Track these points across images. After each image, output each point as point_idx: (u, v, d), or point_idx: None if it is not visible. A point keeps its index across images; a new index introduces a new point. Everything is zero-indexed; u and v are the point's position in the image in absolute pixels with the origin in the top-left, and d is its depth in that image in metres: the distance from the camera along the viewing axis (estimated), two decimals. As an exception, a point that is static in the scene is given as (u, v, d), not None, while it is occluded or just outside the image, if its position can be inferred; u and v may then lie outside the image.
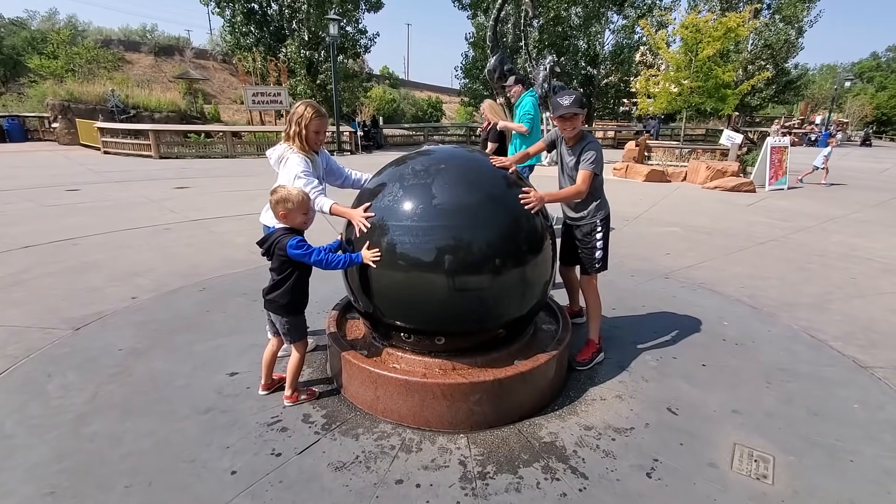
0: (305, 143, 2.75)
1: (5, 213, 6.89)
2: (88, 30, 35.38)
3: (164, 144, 14.74)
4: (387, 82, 38.01)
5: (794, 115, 36.22)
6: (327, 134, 4.73)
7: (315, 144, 2.81)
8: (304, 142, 2.74)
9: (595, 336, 3.13)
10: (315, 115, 2.73)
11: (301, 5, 19.26)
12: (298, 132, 2.73)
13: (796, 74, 29.11)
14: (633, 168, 12.13)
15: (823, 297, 4.37)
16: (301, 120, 2.71)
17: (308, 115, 2.71)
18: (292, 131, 2.74)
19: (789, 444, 2.37)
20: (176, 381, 2.82)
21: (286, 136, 2.79)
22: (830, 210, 8.47)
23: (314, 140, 2.78)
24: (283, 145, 2.80)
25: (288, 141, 2.78)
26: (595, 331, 3.14)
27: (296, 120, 2.72)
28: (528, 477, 2.13)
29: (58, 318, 3.62)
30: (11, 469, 2.11)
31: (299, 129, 2.72)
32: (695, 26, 11.99)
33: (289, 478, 2.09)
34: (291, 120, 2.75)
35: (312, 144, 2.79)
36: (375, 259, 2.34)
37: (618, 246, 5.89)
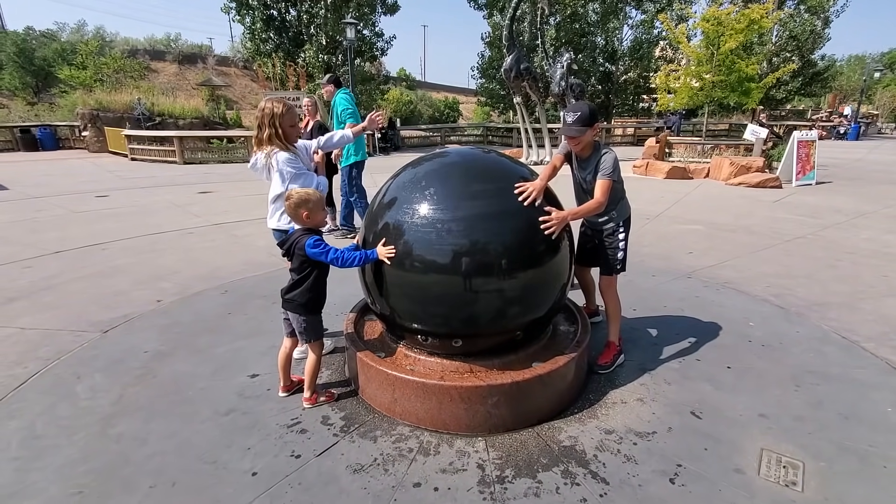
0: (285, 141, 2.66)
1: (38, 219, 7.14)
2: (115, 40, 36.51)
3: (188, 150, 15.09)
4: (404, 84, 38.14)
5: (821, 107, 35.06)
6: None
7: (293, 138, 2.74)
8: (283, 140, 2.65)
9: (615, 338, 3.08)
10: (284, 108, 2.65)
11: (319, 10, 19.49)
12: (274, 132, 2.62)
13: (823, 66, 28.12)
14: (653, 165, 11.90)
15: (855, 296, 4.21)
16: (273, 119, 2.61)
17: (279, 110, 2.62)
18: (265, 134, 2.63)
19: (819, 450, 2.29)
20: (198, 383, 2.88)
21: (259, 141, 2.68)
22: (861, 205, 8.16)
23: (291, 133, 2.71)
24: (261, 153, 2.70)
25: (262, 147, 2.67)
26: (615, 333, 3.08)
27: (268, 121, 2.62)
28: (548, 481, 2.10)
29: (87, 321, 3.74)
30: (41, 469, 2.18)
31: (274, 129, 2.62)
32: (716, 19, 11.69)
33: (308, 480, 2.11)
34: (263, 123, 2.64)
35: (291, 139, 2.72)
36: (390, 255, 2.35)
37: (638, 245, 5.79)
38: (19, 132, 18.53)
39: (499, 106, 28.46)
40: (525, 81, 14.35)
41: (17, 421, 2.52)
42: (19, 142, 18.28)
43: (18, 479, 2.11)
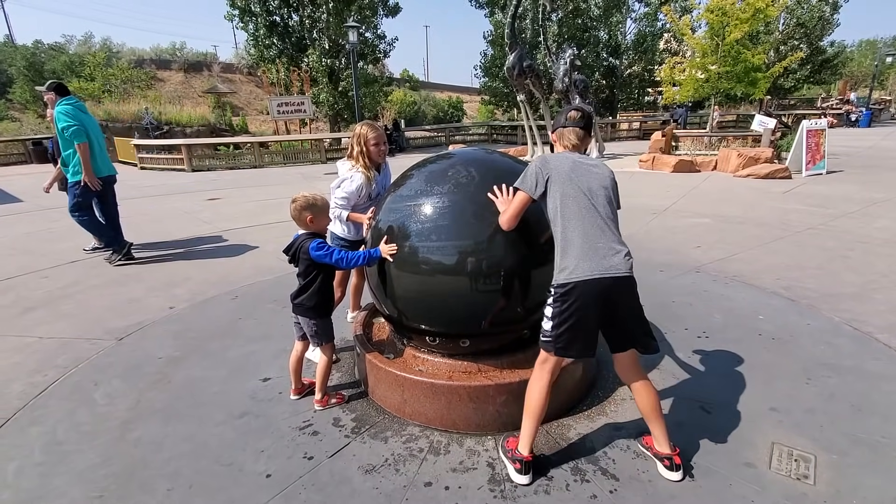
0: (368, 160, 3.11)
1: (53, 230, 7.28)
2: (122, 51, 37.09)
3: (195, 158, 15.27)
4: (407, 85, 38.27)
5: (831, 95, 34.53)
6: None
7: (377, 157, 3.16)
8: (367, 158, 3.10)
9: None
10: (370, 130, 3.11)
11: (321, 15, 19.60)
12: (361, 151, 3.09)
13: (832, 52, 27.70)
14: (659, 159, 11.82)
15: (867, 287, 4.16)
16: (361, 139, 3.08)
17: (364, 132, 3.09)
18: (356, 151, 3.11)
19: (831, 443, 2.28)
20: (212, 387, 2.93)
21: (350, 155, 3.16)
22: (873, 193, 8.05)
23: (375, 153, 3.13)
24: (349, 162, 3.18)
25: (352, 159, 3.15)
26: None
27: (357, 140, 3.10)
28: (558, 478, 2.12)
29: (103, 329, 3.82)
30: (62, 474, 2.24)
31: (361, 148, 3.09)
32: (720, 9, 11.60)
33: (321, 480, 2.15)
34: (353, 141, 3.13)
35: (374, 158, 3.14)
36: (392, 252, 2.39)
37: (646, 240, 5.77)
38: (31, 144, 18.86)
39: (503, 104, 28.42)
40: (528, 79, 14.32)
41: (39, 427, 2.59)
42: (32, 154, 18.59)
43: (42, 484, 2.18)
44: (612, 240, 1.97)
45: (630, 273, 1.97)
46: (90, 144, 5.12)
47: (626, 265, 1.96)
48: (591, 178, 2.03)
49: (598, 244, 1.94)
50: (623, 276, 1.94)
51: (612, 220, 2.01)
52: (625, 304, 1.99)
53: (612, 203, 2.04)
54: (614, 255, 1.94)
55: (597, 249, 1.93)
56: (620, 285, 1.94)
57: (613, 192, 2.07)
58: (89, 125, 5.18)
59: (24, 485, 2.18)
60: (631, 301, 2.01)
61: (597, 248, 1.94)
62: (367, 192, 3.12)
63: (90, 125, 5.21)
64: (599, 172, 2.07)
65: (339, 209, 3.08)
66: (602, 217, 1.97)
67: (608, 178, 2.07)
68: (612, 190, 2.07)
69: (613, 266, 1.92)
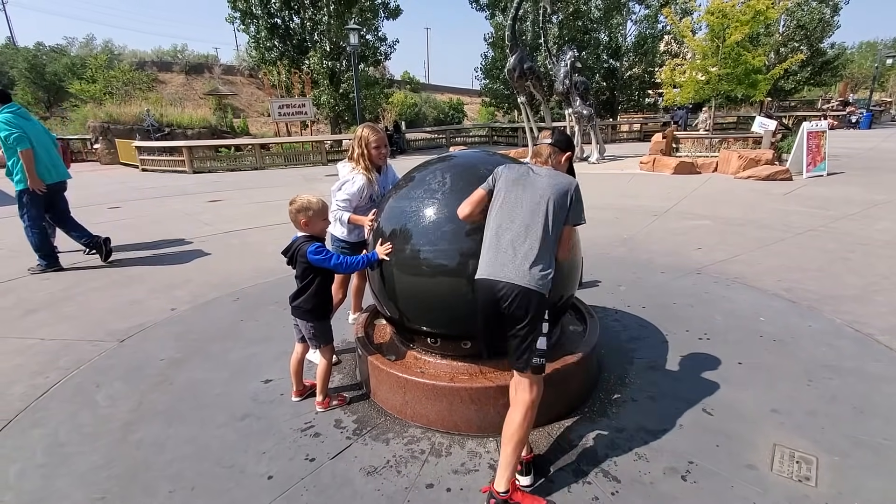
0: (369, 162, 3.13)
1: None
2: (124, 53, 37.16)
3: (197, 160, 15.29)
4: (408, 87, 38.33)
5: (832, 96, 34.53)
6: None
7: (378, 159, 3.18)
8: (367, 160, 3.12)
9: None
10: (371, 133, 3.13)
11: (322, 17, 19.64)
12: (362, 153, 3.11)
13: (833, 54, 27.70)
14: (660, 161, 11.82)
15: (868, 289, 4.16)
16: (362, 141, 3.10)
17: (366, 135, 3.11)
18: (356, 153, 3.12)
19: (833, 444, 2.28)
20: (214, 389, 2.93)
21: (351, 157, 3.18)
22: (874, 195, 8.04)
23: (376, 156, 3.15)
24: (350, 164, 3.20)
25: (352, 161, 3.17)
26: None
27: (357, 142, 3.12)
28: (559, 480, 2.12)
29: (104, 330, 3.82)
30: (65, 475, 2.24)
31: (362, 150, 3.10)
32: (721, 11, 11.59)
33: (322, 482, 2.15)
34: (354, 143, 3.14)
35: (375, 160, 3.16)
36: (388, 252, 2.43)
37: (647, 242, 5.77)
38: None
39: (503, 106, 28.44)
40: (529, 81, 14.34)
41: (41, 429, 2.59)
42: (33, 156, 18.62)
43: (44, 486, 2.18)
44: (520, 248, 1.93)
45: (527, 286, 1.88)
46: (34, 151, 5.05)
47: (524, 277, 1.89)
48: (530, 188, 2.02)
49: (504, 249, 1.96)
50: (513, 285, 1.89)
51: (534, 229, 1.94)
52: (512, 315, 1.93)
53: (545, 215, 1.96)
54: (515, 262, 1.92)
55: (500, 254, 1.96)
56: (511, 295, 1.90)
57: (555, 205, 1.97)
58: (32, 131, 5.10)
59: (26, 486, 2.18)
60: (518, 315, 1.91)
61: (500, 253, 1.96)
62: (368, 193, 3.12)
63: (33, 131, 5.13)
64: (542, 184, 2.02)
65: (341, 211, 3.07)
66: (522, 225, 1.96)
67: (550, 191, 1.99)
68: (554, 203, 1.97)
69: (507, 274, 1.91)
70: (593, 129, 14.57)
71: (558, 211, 1.99)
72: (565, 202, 2.01)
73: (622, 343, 3.34)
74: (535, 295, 1.90)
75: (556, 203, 1.99)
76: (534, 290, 1.90)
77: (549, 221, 1.97)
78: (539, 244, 1.94)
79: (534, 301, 1.91)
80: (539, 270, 1.91)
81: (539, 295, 1.91)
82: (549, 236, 1.97)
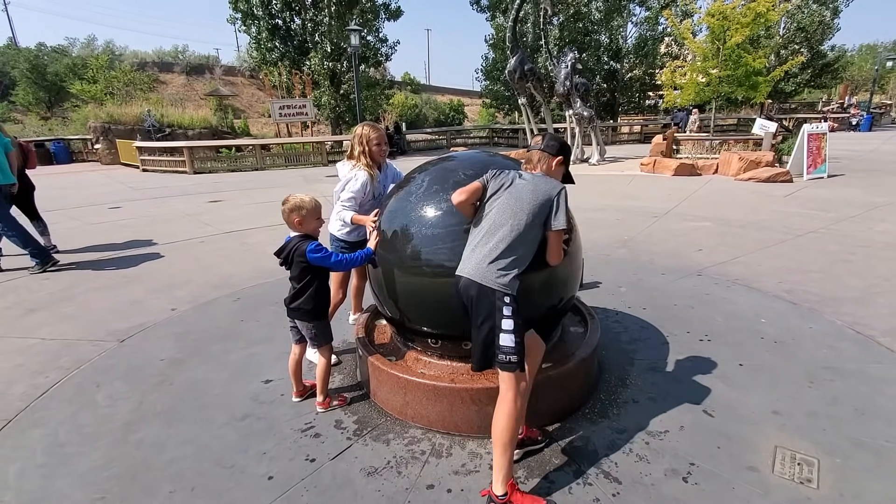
0: (370, 159, 3.13)
1: (54, 232, 7.26)
2: (125, 54, 37.23)
3: (197, 160, 15.31)
4: (408, 88, 38.38)
5: (832, 99, 34.58)
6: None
7: (378, 156, 3.17)
8: (368, 157, 3.12)
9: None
10: (372, 131, 3.13)
11: (323, 18, 19.68)
12: (363, 150, 3.11)
13: (833, 57, 27.76)
14: (661, 162, 11.83)
15: (869, 291, 4.16)
16: (363, 139, 3.10)
17: (366, 132, 3.11)
18: (357, 151, 3.12)
19: (835, 446, 2.27)
20: (214, 389, 2.93)
21: (351, 155, 3.17)
22: (875, 197, 8.04)
23: (377, 153, 3.15)
24: (349, 163, 3.17)
25: (352, 159, 3.16)
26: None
27: (358, 140, 3.11)
28: (560, 482, 2.11)
29: (105, 330, 3.82)
30: (65, 475, 2.24)
31: (363, 148, 3.10)
32: (721, 13, 11.61)
33: (323, 483, 2.14)
34: (354, 141, 3.14)
35: (376, 158, 3.16)
36: (377, 240, 2.52)
37: (647, 243, 5.77)
38: (34, 146, 18.91)
39: (504, 107, 28.49)
40: (529, 82, 14.36)
41: (42, 429, 2.59)
42: (34, 156, 18.65)
43: (44, 486, 2.18)
44: (482, 245, 1.98)
45: (479, 282, 1.91)
46: None
47: (478, 272, 1.92)
48: (513, 192, 2.06)
49: (470, 246, 2.05)
50: (469, 280, 1.94)
51: (502, 229, 1.97)
52: (471, 312, 1.98)
53: (517, 216, 1.97)
54: (478, 259, 1.96)
55: (467, 250, 2.05)
56: (468, 290, 1.95)
57: (533, 207, 1.99)
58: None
59: (26, 486, 2.18)
60: (475, 311, 1.95)
61: (468, 249, 2.05)
62: (371, 189, 3.11)
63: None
64: (522, 189, 2.05)
65: (345, 211, 3.04)
66: (492, 224, 2.00)
67: (529, 195, 2.01)
68: (531, 205, 1.99)
69: (469, 269, 1.97)
70: (594, 131, 14.58)
71: (536, 214, 1.99)
72: (546, 206, 2.01)
73: (623, 344, 3.34)
74: (487, 290, 1.91)
75: (535, 205, 1.99)
76: (487, 286, 1.91)
77: (520, 223, 1.97)
78: (505, 243, 1.95)
79: (487, 297, 1.91)
80: (497, 268, 1.92)
81: (492, 291, 1.91)
82: (518, 237, 1.96)
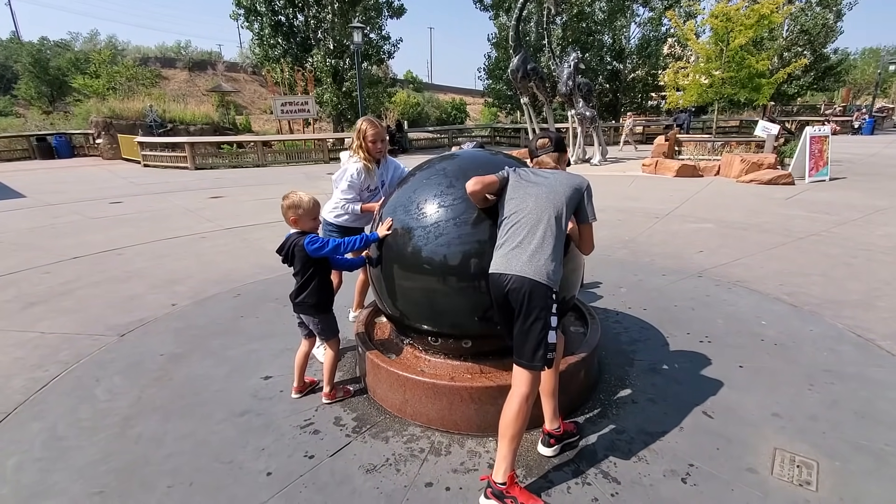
0: (367, 153, 3.20)
1: (55, 226, 7.30)
2: (127, 49, 37.16)
3: (199, 156, 15.30)
4: (411, 86, 38.29)
5: (834, 102, 34.52)
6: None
7: (375, 152, 3.23)
8: (365, 152, 3.20)
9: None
10: (370, 127, 3.18)
11: (326, 15, 19.66)
12: (360, 145, 3.19)
13: (836, 60, 27.71)
14: (662, 163, 11.82)
15: (870, 294, 4.15)
16: (360, 133, 3.18)
17: (364, 128, 3.18)
18: (355, 145, 3.22)
19: (834, 449, 2.27)
20: (213, 385, 2.93)
21: (352, 147, 3.27)
22: (877, 201, 8.03)
23: (373, 149, 3.21)
24: (349, 153, 3.31)
25: (351, 150, 3.28)
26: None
27: (357, 135, 3.20)
28: (559, 481, 2.11)
29: (104, 325, 3.82)
30: (63, 469, 2.24)
31: (360, 142, 3.19)
32: (725, 15, 11.58)
33: (321, 480, 2.14)
34: (354, 135, 3.24)
35: (373, 153, 3.22)
36: (389, 226, 2.49)
37: (648, 244, 5.77)
38: (36, 141, 18.92)
39: (506, 107, 28.45)
40: (532, 82, 14.34)
41: (40, 423, 2.59)
42: (36, 150, 18.66)
43: (42, 480, 2.17)
44: (527, 243, 1.98)
45: (534, 279, 1.91)
46: None
47: (531, 269, 1.92)
48: (538, 186, 2.08)
49: (510, 244, 2.02)
50: (521, 278, 1.92)
51: (540, 227, 1.98)
52: (521, 310, 1.95)
53: (549, 213, 2.00)
54: (521, 256, 1.96)
55: (507, 248, 2.02)
56: (519, 288, 1.93)
57: (568, 201, 2.04)
58: None
59: (24, 480, 2.18)
60: (526, 309, 1.93)
61: (508, 247, 2.02)
62: (367, 183, 3.20)
63: None
64: (547, 183, 2.09)
65: (348, 203, 3.17)
66: (527, 222, 2.01)
67: (563, 187, 2.06)
68: (566, 199, 2.04)
69: (513, 267, 1.96)
70: (596, 131, 14.56)
71: (570, 207, 2.06)
72: (575, 199, 2.08)
73: (623, 345, 3.33)
74: (543, 288, 1.92)
75: (568, 199, 2.05)
76: (542, 283, 1.92)
77: (559, 217, 2.01)
78: (550, 238, 1.98)
79: (542, 294, 1.92)
80: (549, 264, 1.94)
81: (547, 288, 1.93)
82: (560, 232, 2.01)
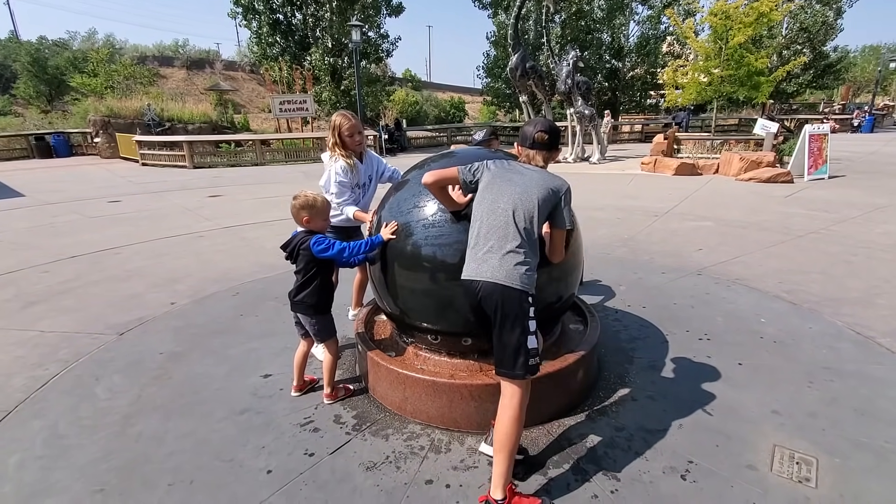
0: (344, 149, 3.06)
1: (53, 225, 7.28)
2: (125, 48, 37.09)
3: (197, 155, 15.27)
4: (409, 85, 38.26)
5: (834, 100, 34.54)
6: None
7: (354, 146, 3.09)
8: (343, 148, 3.06)
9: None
10: (344, 120, 3.02)
11: (324, 13, 19.64)
12: (336, 142, 3.05)
13: (836, 58, 27.73)
14: (661, 162, 11.82)
15: (870, 292, 4.16)
16: (335, 129, 3.03)
17: (338, 122, 3.03)
18: (331, 142, 3.08)
19: (834, 446, 2.27)
20: (213, 384, 2.93)
21: (329, 146, 3.13)
22: (876, 199, 8.04)
23: (352, 143, 3.07)
24: (328, 153, 3.16)
25: (329, 150, 3.13)
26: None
27: (332, 131, 3.06)
28: (559, 478, 2.11)
29: (104, 324, 3.81)
30: (64, 468, 2.24)
31: (336, 139, 3.04)
32: (724, 13, 11.57)
33: (321, 478, 2.14)
34: (329, 133, 3.09)
35: (352, 147, 3.08)
36: (394, 230, 2.45)
37: (647, 242, 5.77)
38: (34, 139, 18.87)
39: (505, 105, 28.47)
40: (531, 80, 14.34)
41: (41, 421, 2.59)
42: (34, 149, 18.61)
43: (43, 478, 2.18)
44: (498, 246, 1.87)
45: (505, 283, 1.82)
46: None
47: (502, 274, 1.82)
48: (513, 185, 1.95)
49: (482, 247, 1.91)
50: (493, 284, 1.83)
51: (512, 228, 1.87)
52: (496, 318, 1.86)
53: (522, 214, 1.89)
54: (491, 260, 1.86)
55: (480, 251, 1.92)
56: (490, 295, 1.85)
57: (541, 203, 1.91)
58: None
59: (26, 478, 2.18)
60: (501, 316, 1.84)
61: (479, 251, 1.92)
62: (353, 179, 3.09)
63: None
64: (524, 182, 1.95)
65: (344, 206, 3.07)
66: (499, 224, 1.89)
67: (530, 190, 1.92)
68: (534, 203, 1.91)
69: (483, 272, 1.86)
70: (595, 130, 14.56)
71: (544, 209, 1.93)
72: (550, 201, 1.94)
73: (622, 343, 3.34)
74: (516, 293, 1.83)
75: (544, 201, 1.92)
76: (515, 288, 1.83)
77: (534, 218, 1.90)
78: (522, 242, 1.87)
79: (516, 299, 1.83)
80: (521, 268, 1.85)
81: (520, 293, 1.84)
82: (533, 233, 1.91)
